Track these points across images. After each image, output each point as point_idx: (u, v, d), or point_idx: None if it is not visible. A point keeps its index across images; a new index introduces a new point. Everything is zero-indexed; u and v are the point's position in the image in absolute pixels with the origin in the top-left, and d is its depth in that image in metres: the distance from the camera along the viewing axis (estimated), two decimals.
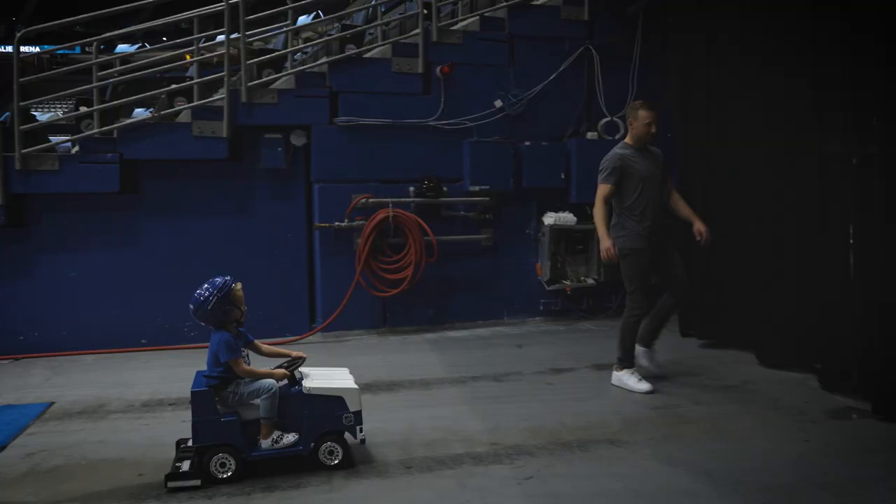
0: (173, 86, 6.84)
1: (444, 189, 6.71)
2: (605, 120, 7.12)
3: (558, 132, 7.12)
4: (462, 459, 3.61)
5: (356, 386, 3.62)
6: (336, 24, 8.06)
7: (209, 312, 3.50)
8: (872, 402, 4.18)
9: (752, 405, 4.42)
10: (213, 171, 6.32)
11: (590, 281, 7.10)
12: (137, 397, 4.79)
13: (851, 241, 4.43)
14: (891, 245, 4.13)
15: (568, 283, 7.03)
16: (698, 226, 5.00)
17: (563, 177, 6.91)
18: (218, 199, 6.39)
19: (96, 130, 6.06)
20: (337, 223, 6.45)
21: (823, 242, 4.73)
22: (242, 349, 3.55)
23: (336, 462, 3.48)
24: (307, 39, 8.48)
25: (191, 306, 3.55)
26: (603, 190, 4.85)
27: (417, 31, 6.68)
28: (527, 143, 6.84)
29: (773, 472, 3.40)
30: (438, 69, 6.68)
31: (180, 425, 4.21)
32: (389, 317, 6.73)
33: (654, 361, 5.07)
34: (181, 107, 6.29)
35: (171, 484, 3.31)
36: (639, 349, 5.03)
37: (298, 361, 3.66)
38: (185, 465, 3.41)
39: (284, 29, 7.14)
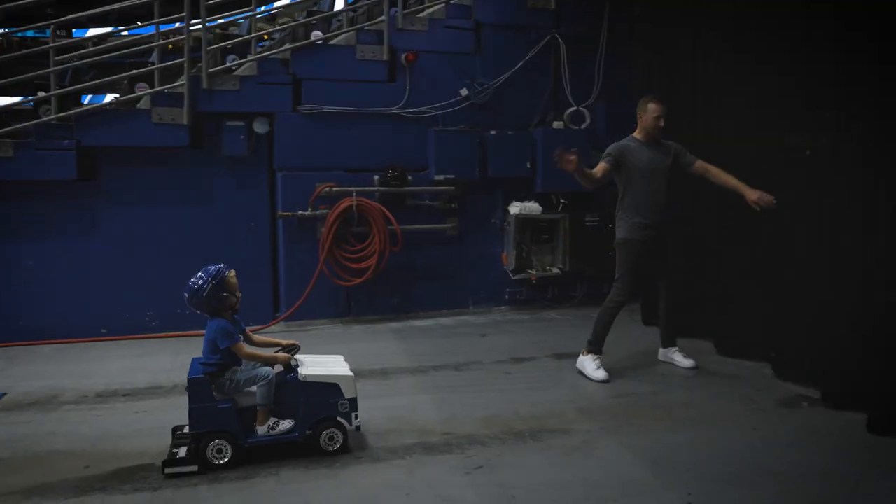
0: (134, 71, 6.75)
1: (409, 178, 6.67)
2: (571, 109, 7.13)
3: (524, 121, 7.10)
4: (414, 449, 3.61)
5: (351, 373, 3.66)
6: (301, 11, 7.95)
7: (204, 300, 3.51)
8: (822, 390, 4.25)
9: (706, 394, 4.47)
10: (174, 158, 6.21)
11: (555, 270, 7.12)
12: (92, 388, 4.72)
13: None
14: (838, 235, 4.19)
15: (533, 272, 7.05)
16: (753, 195, 4.60)
17: (528, 166, 6.91)
18: (179, 187, 6.28)
19: (53, 116, 5.94)
20: (300, 212, 6.40)
21: (780, 234, 4.78)
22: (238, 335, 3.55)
23: (336, 448, 3.53)
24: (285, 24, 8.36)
25: (185, 294, 3.55)
26: (598, 166, 4.94)
27: (382, 17, 6.61)
28: (492, 132, 6.82)
29: (720, 460, 3.44)
30: (403, 56, 6.63)
31: (132, 416, 4.19)
32: (354, 306, 6.70)
33: (684, 357, 5.08)
34: (142, 93, 6.18)
35: (168, 470, 3.32)
36: (661, 351, 5.19)
37: (294, 349, 3.68)
38: (182, 452, 3.41)
39: (245, 15, 7.03)
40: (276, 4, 8.82)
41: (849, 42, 4.02)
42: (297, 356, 3.68)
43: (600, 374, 4.75)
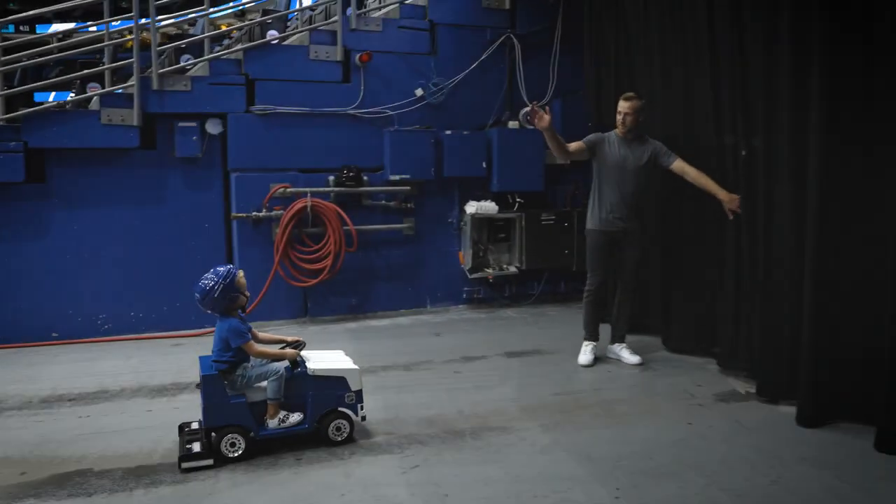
0: (85, 71, 6.69)
1: (365, 178, 6.69)
2: (525, 109, 7.18)
3: (480, 121, 7.16)
4: (353, 449, 3.65)
5: (356, 367, 3.83)
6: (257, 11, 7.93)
7: (215, 300, 3.59)
8: (757, 383, 4.36)
9: (649, 390, 4.56)
10: (125, 159, 6.17)
11: (512, 269, 7.18)
12: (37, 393, 4.68)
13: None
14: (770, 231, 4.29)
15: (490, 271, 7.11)
16: (726, 200, 4.67)
17: (484, 166, 6.96)
18: (131, 189, 6.23)
19: (1, 117, 5.86)
20: (255, 213, 6.39)
21: (719, 231, 4.88)
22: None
23: (343, 438, 3.69)
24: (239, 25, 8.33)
25: (196, 295, 3.62)
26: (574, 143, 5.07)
27: (335, 18, 6.62)
28: (448, 132, 6.85)
29: (652, 455, 3.52)
30: (357, 57, 6.64)
31: (76, 421, 4.17)
32: (311, 307, 6.71)
33: (631, 354, 5.21)
34: (92, 93, 6.12)
35: (184, 465, 3.40)
36: (609, 347, 5.32)
37: (300, 345, 3.82)
38: (196, 447, 3.48)
39: (193, 14, 6.99)
40: (231, 4, 8.78)
41: (784, 44, 4.13)
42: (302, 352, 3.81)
43: (581, 359, 5.11)
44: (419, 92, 6.86)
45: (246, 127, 6.41)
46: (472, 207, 6.96)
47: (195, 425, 3.70)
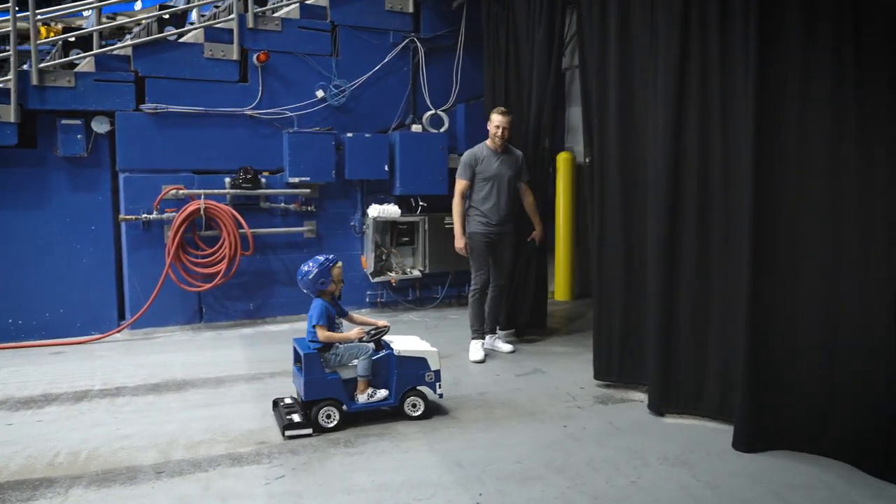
0: None
1: (263, 180, 6.55)
2: (429, 113, 7.19)
3: (383, 124, 7.12)
4: (220, 461, 3.53)
5: (435, 349, 4.20)
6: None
7: (308, 282, 4.04)
8: (636, 383, 4.47)
9: (532, 392, 4.60)
10: (3, 158, 5.84)
11: (415, 272, 7.16)
12: None
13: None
14: (603, 234, 4.58)
15: (393, 274, 7.07)
16: (536, 232, 5.75)
17: (386, 169, 6.92)
18: (10, 189, 5.90)
19: None
20: (145, 215, 6.16)
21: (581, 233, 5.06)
22: (336, 318, 4.09)
23: (419, 413, 4.08)
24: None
25: (299, 277, 4.09)
26: (459, 185, 5.44)
27: (232, 16, 6.45)
28: (349, 135, 6.78)
29: (522, 459, 3.54)
30: (255, 56, 6.50)
31: None
32: (206, 312, 6.51)
33: (504, 342, 5.61)
34: None
35: (288, 433, 3.77)
36: (486, 340, 5.55)
37: (384, 330, 4.16)
38: (296, 418, 3.84)
39: (74, 7, 6.70)
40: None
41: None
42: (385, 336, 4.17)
43: (473, 356, 5.33)
44: (320, 93, 6.76)
45: (136, 126, 6.17)
46: (374, 211, 6.91)
47: (288, 400, 4.12)
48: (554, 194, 7.52)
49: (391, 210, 6.94)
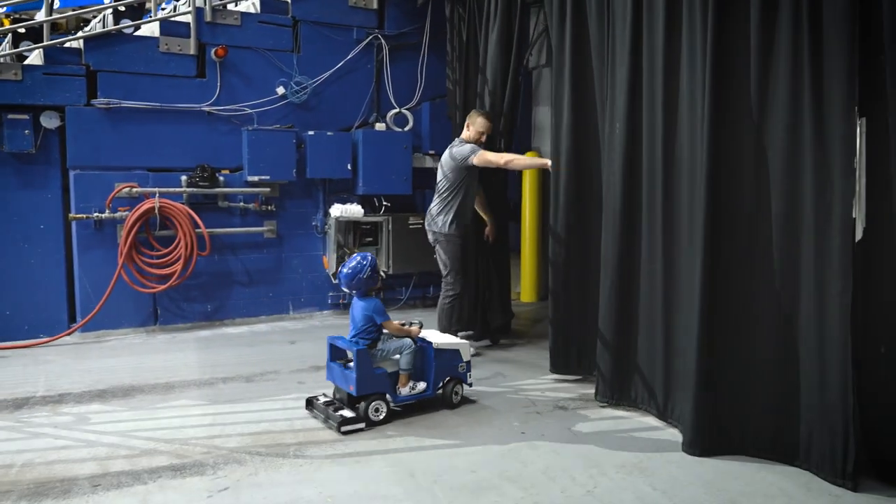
0: None
1: (221, 179, 6.38)
2: (393, 111, 7.07)
3: (346, 122, 6.98)
4: (161, 472, 3.38)
5: (465, 341, 4.48)
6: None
7: (363, 281, 4.10)
8: (596, 387, 4.40)
9: (493, 398, 4.50)
10: None
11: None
12: None
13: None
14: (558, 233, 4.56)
15: None
16: (489, 228, 5.75)
17: (349, 168, 6.78)
18: None
19: None
20: (97, 214, 5.95)
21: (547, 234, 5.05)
22: None
23: (458, 400, 4.32)
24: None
25: (346, 274, 4.10)
26: (485, 153, 5.18)
27: (189, 9, 6.26)
28: (311, 133, 6.63)
29: (477, 468, 3.44)
30: (213, 51, 6.32)
31: None
32: (161, 314, 6.32)
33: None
34: None
35: (344, 429, 3.83)
36: None
37: (420, 325, 4.35)
38: (347, 413, 3.93)
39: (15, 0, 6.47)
40: None
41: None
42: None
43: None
44: (280, 90, 6.60)
45: (87, 121, 5.96)
46: (336, 210, 6.76)
47: (322, 398, 4.18)
48: (520, 195, 7.46)
49: (354, 210, 6.80)
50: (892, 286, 3.13)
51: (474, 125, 5.29)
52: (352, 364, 4.03)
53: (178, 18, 6.34)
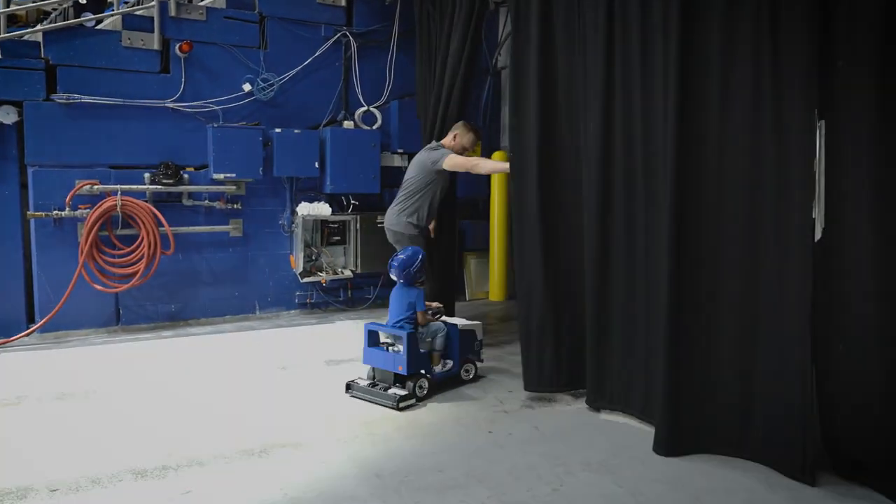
0: None
1: (185, 176, 6.27)
2: (362, 109, 7.03)
3: (314, 120, 6.91)
4: (122, 476, 3.31)
5: (479, 322, 4.91)
6: None
7: (413, 273, 4.51)
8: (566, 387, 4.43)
9: (459, 397, 4.51)
10: None
11: (347, 272, 6.99)
12: None
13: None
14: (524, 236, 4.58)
15: (323, 275, 6.88)
16: (432, 225, 5.69)
17: (317, 166, 6.72)
18: None
19: None
20: (56, 212, 5.80)
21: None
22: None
23: (471, 377, 4.77)
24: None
25: (398, 265, 4.53)
26: (454, 157, 5.23)
27: (152, 3, 6.15)
28: (278, 130, 6.55)
29: (444, 468, 3.43)
30: (177, 46, 6.21)
31: None
32: (124, 314, 6.19)
33: None
34: None
35: (402, 404, 4.22)
36: None
37: (442, 310, 4.81)
38: (400, 391, 4.29)
39: None
40: None
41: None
42: None
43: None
44: (247, 87, 6.51)
45: (46, 117, 5.80)
46: (304, 209, 6.70)
47: (360, 381, 4.49)
48: (489, 193, 7.46)
49: (321, 208, 6.75)
50: (851, 286, 3.20)
51: (462, 138, 5.34)
52: (396, 347, 4.45)
53: (141, 12, 6.21)
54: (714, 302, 3.56)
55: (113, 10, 6.59)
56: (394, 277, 4.57)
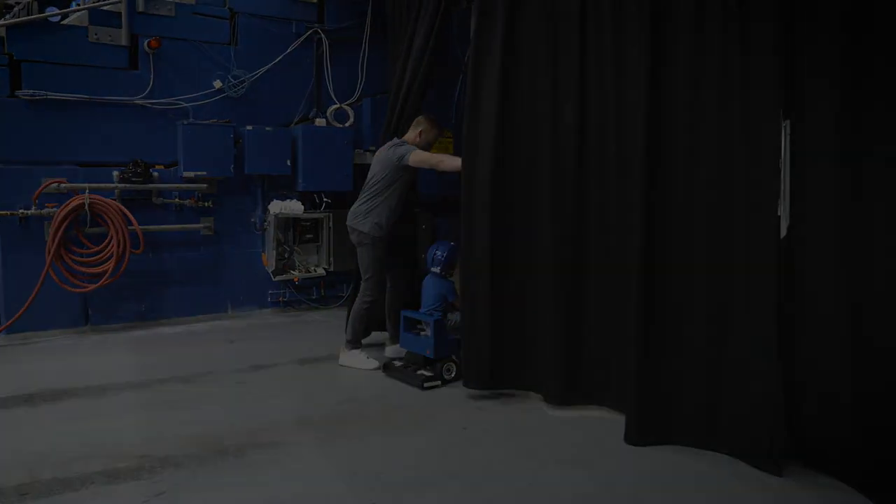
0: None
1: (155, 174, 6.19)
2: (334, 107, 7.00)
3: (285, 118, 6.87)
4: (94, 479, 3.27)
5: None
6: None
7: (449, 266, 4.92)
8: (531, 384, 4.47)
9: (436, 395, 4.53)
10: None
11: (319, 271, 6.97)
12: None
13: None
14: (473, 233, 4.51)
15: (296, 273, 6.85)
16: None
17: (289, 164, 6.68)
18: None
19: None
20: (22, 210, 5.69)
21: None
22: None
23: (451, 377, 4.76)
24: None
25: (440, 258, 4.93)
26: (420, 153, 5.01)
27: None
28: (249, 128, 6.50)
29: (419, 465, 3.46)
30: (146, 43, 6.12)
31: None
32: (93, 314, 6.10)
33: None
34: None
35: (426, 385, 4.56)
36: (388, 347, 5.38)
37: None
38: (426, 373, 4.64)
39: None
40: None
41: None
42: None
43: (372, 363, 5.06)
44: (217, 84, 6.45)
45: (11, 113, 5.69)
46: (276, 207, 6.65)
47: (397, 363, 4.91)
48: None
49: (294, 206, 6.71)
50: (816, 280, 3.29)
51: (427, 134, 5.13)
52: (425, 332, 4.75)
53: (108, 7, 6.10)
54: (683, 295, 3.63)
55: (79, 5, 6.47)
56: (433, 269, 4.92)
